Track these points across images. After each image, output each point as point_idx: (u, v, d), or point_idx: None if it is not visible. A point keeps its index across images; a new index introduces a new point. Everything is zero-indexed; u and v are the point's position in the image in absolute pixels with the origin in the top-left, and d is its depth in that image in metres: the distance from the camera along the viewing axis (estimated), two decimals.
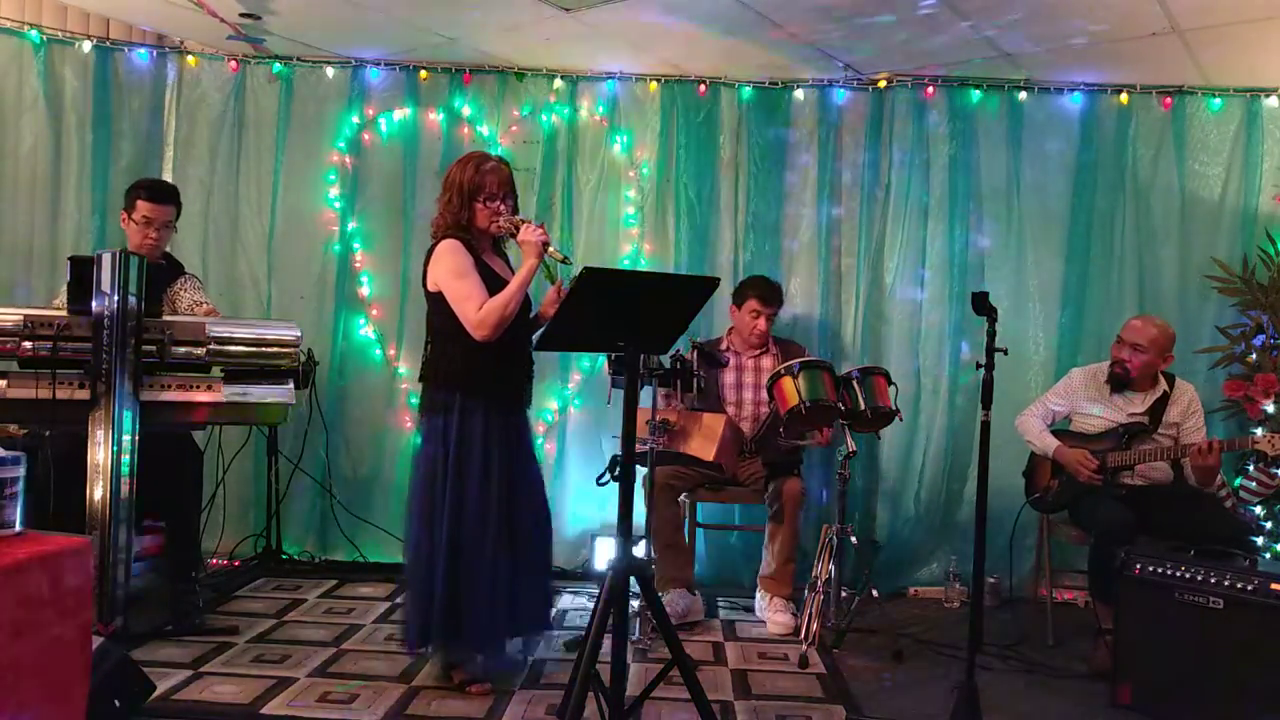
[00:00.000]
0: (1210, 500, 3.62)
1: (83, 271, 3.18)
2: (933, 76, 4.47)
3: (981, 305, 2.75)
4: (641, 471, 3.80)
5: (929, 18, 3.78)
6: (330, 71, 4.65)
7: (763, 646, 3.63)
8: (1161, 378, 3.75)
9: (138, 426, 3.20)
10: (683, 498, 3.92)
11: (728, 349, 4.20)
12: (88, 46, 4.51)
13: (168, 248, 3.86)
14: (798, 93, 4.60)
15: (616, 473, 2.48)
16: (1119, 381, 3.73)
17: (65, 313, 3.22)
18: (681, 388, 3.50)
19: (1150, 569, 3.08)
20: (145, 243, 3.62)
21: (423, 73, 4.65)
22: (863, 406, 3.65)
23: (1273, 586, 2.82)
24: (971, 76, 4.45)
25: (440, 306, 3.01)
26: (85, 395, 3.16)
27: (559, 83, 4.64)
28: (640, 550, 3.61)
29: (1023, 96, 4.47)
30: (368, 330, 4.70)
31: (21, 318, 3.16)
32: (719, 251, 4.61)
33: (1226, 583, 2.91)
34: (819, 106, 4.58)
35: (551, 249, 2.97)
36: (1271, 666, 2.78)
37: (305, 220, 4.66)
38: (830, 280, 4.58)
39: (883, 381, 3.74)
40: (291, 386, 3.52)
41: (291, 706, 2.88)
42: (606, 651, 2.34)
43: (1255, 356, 4.19)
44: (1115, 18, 3.69)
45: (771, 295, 4.11)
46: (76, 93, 4.51)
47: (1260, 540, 3.96)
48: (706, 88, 4.59)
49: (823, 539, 3.72)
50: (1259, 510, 4.06)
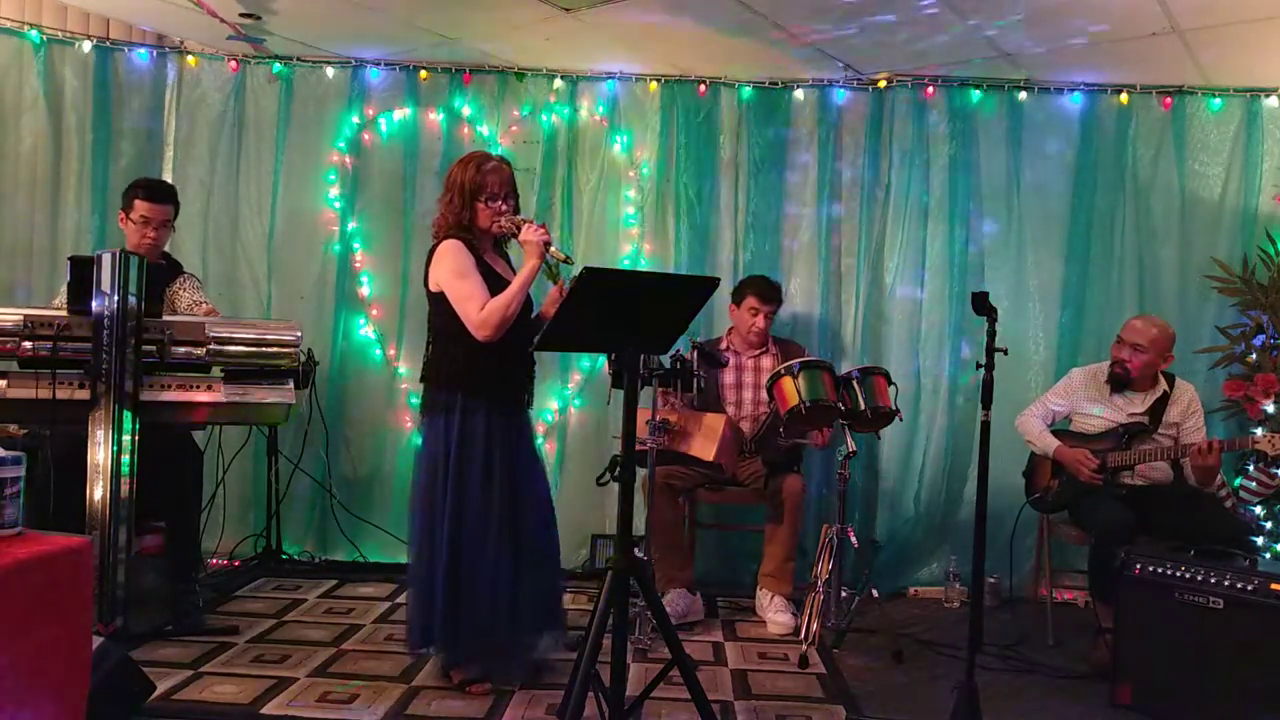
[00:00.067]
0: (1210, 500, 3.62)
1: (83, 271, 3.18)
2: (933, 76, 4.47)
3: (981, 305, 2.75)
4: (641, 471, 3.80)
5: (929, 18, 3.78)
6: (330, 71, 4.65)
7: (763, 646, 3.63)
8: (1161, 378, 3.75)
9: (138, 426, 3.20)
10: (682, 498, 3.92)
11: (728, 349, 4.20)
12: (88, 46, 4.51)
13: (167, 247, 3.86)
14: (798, 93, 4.60)
15: (616, 473, 2.47)
16: (1119, 381, 3.73)
17: (65, 313, 3.22)
18: (681, 388, 3.51)
19: (1150, 569, 3.09)
20: (144, 242, 3.62)
21: (423, 73, 4.65)
22: (863, 406, 3.66)
23: (1273, 586, 2.82)
24: (971, 76, 4.45)
25: (442, 307, 3.01)
26: (85, 395, 3.16)
27: (559, 83, 4.64)
28: (640, 550, 3.61)
29: (1023, 96, 4.47)
30: (368, 330, 4.70)
31: (21, 318, 3.16)
32: (719, 251, 4.61)
33: (1226, 583, 2.91)
34: (819, 106, 4.58)
35: (553, 249, 2.97)
36: (1271, 666, 2.78)
37: (305, 220, 4.66)
38: (830, 280, 4.58)
39: (883, 381, 3.74)
40: (291, 386, 3.52)
41: (291, 706, 2.88)
42: (606, 651, 2.34)
43: (1255, 356, 4.19)
44: (1115, 18, 3.69)
45: (770, 293, 4.11)
46: (76, 93, 4.51)
47: (1260, 540, 3.96)
48: (706, 88, 4.59)
49: (823, 539, 3.72)
50: (1259, 510, 4.06)
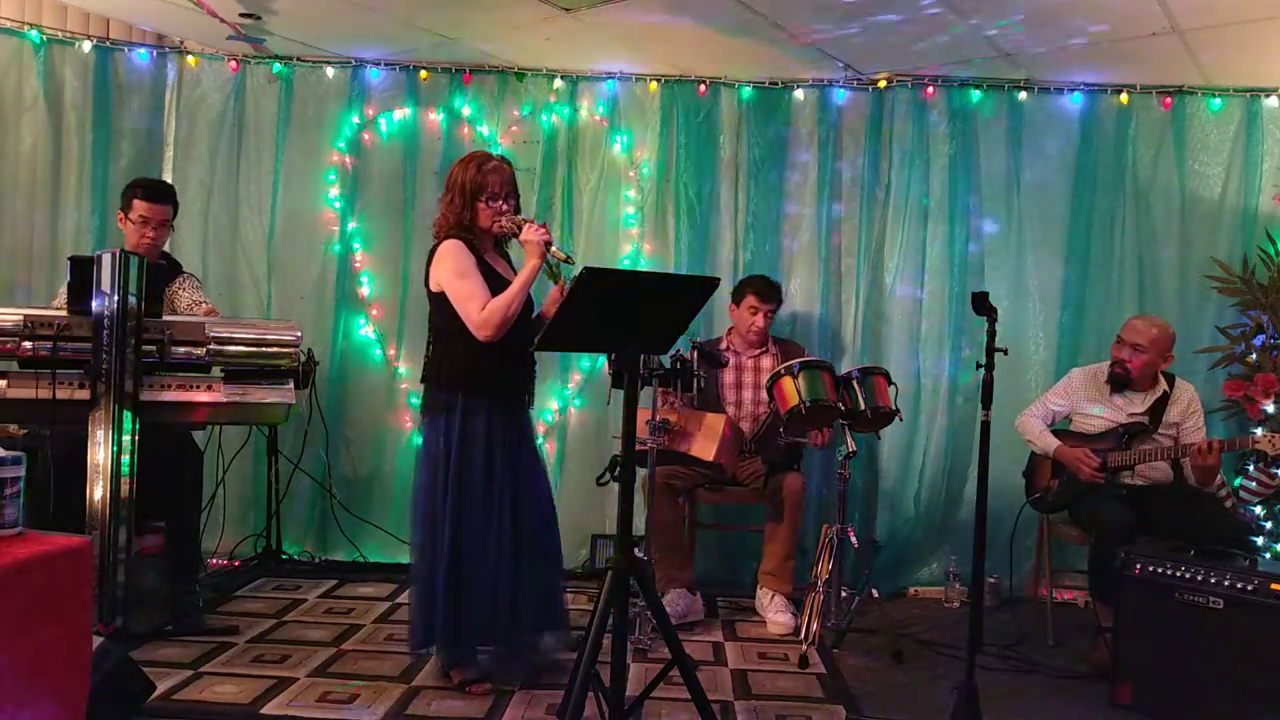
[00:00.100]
0: (1210, 500, 3.62)
1: (83, 271, 3.18)
2: (933, 76, 4.47)
3: (981, 305, 2.75)
4: (641, 471, 3.80)
5: (929, 18, 3.78)
6: (330, 71, 4.65)
7: (763, 646, 3.63)
8: (1161, 378, 3.75)
9: (138, 426, 3.20)
10: (682, 498, 3.91)
11: (727, 349, 4.20)
12: (88, 46, 4.51)
13: (166, 247, 3.86)
14: (798, 93, 4.60)
15: (616, 473, 2.48)
16: (1119, 382, 3.73)
17: (65, 313, 3.22)
18: (681, 388, 3.50)
19: (1150, 569, 3.09)
20: (143, 242, 3.62)
21: (423, 73, 4.65)
22: (863, 406, 3.66)
23: (1273, 586, 2.82)
24: (971, 76, 4.45)
25: (443, 307, 3.00)
26: (85, 395, 3.16)
27: (559, 83, 4.64)
28: (640, 550, 3.61)
29: (1023, 96, 4.46)
30: (368, 330, 4.69)
31: (21, 318, 3.16)
32: (719, 251, 4.61)
33: (1226, 583, 2.91)
34: (819, 106, 4.57)
35: (554, 248, 2.97)
36: (1271, 666, 2.78)
37: (305, 220, 4.66)
38: (830, 280, 4.58)
39: (883, 381, 3.74)
40: (291, 386, 3.52)
41: (291, 706, 2.88)
42: (606, 651, 2.34)
43: (1255, 356, 4.19)
44: (1115, 18, 3.69)
45: (769, 292, 4.12)
46: (76, 93, 4.51)
47: (1260, 540, 3.96)
48: (706, 88, 4.59)
49: (823, 539, 3.72)
50: (1259, 510, 4.06)
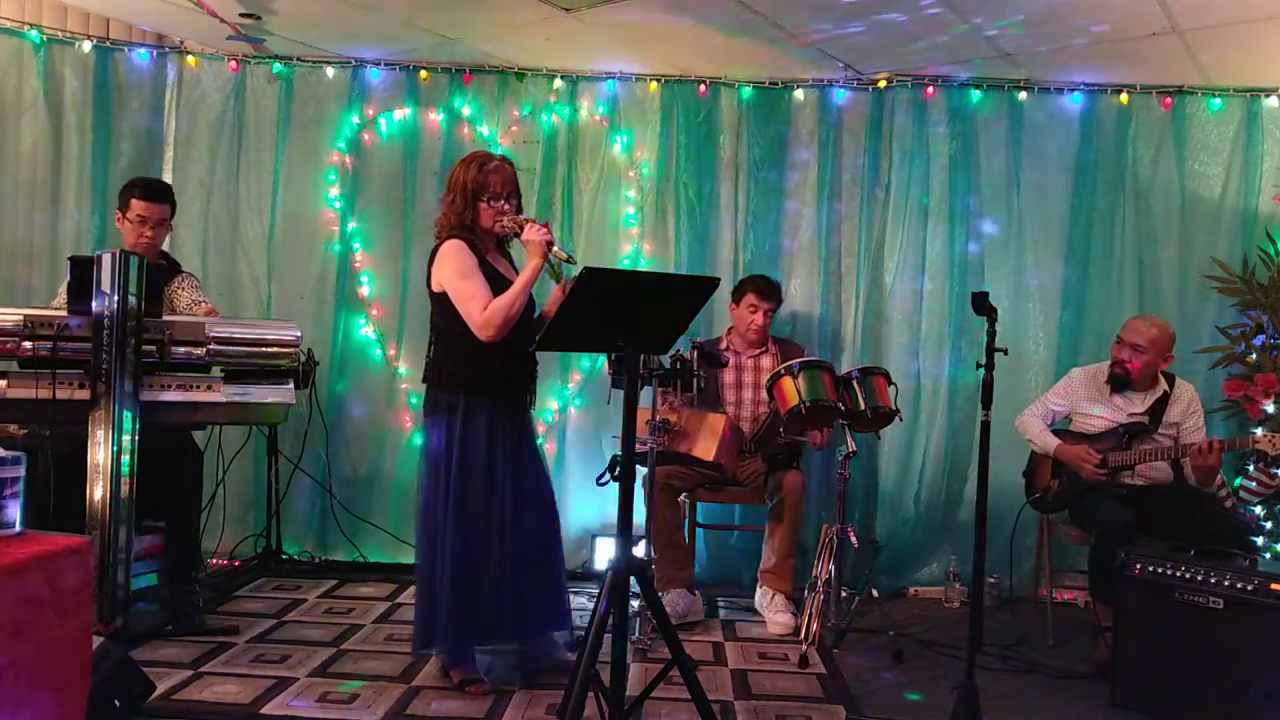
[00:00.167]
0: (1210, 500, 3.62)
1: (83, 271, 3.18)
2: (933, 76, 4.47)
3: (981, 305, 2.75)
4: (641, 471, 3.80)
5: (929, 18, 3.78)
6: (330, 71, 4.65)
7: (763, 646, 3.63)
8: (1161, 378, 3.75)
9: (138, 426, 3.20)
10: (682, 498, 3.91)
11: (727, 349, 4.20)
12: (88, 46, 4.51)
13: (168, 247, 3.86)
14: (798, 93, 4.60)
15: (616, 473, 2.47)
16: (1119, 382, 3.73)
17: (65, 313, 3.22)
18: (681, 388, 3.50)
19: (1150, 569, 3.09)
20: (141, 242, 3.62)
21: (423, 73, 4.65)
22: (863, 406, 3.66)
23: (1273, 586, 2.82)
24: (971, 76, 4.45)
25: (444, 307, 3.00)
26: (85, 395, 3.16)
27: (559, 83, 4.64)
28: (640, 550, 3.61)
29: (1023, 96, 4.46)
30: (368, 330, 4.69)
31: (21, 318, 3.16)
32: (719, 251, 4.61)
33: (1226, 583, 2.91)
34: (819, 106, 4.57)
35: (555, 248, 2.97)
36: (1271, 666, 2.78)
37: (305, 220, 4.66)
38: (830, 280, 4.58)
39: (883, 381, 3.74)
40: (291, 386, 3.51)
41: (291, 706, 2.88)
42: (606, 651, 2.34)
43: (1255, 356, 4.19)
44: (1115, 18, 3.69)
45: (769, 290, 4.12)
46: (76, 93, 4.51)
47: (1260, 540, 3.96)
48: (706, 88, 4.59)
49: (823, 539, 3.72)
50: (1259, 510, 4.06)
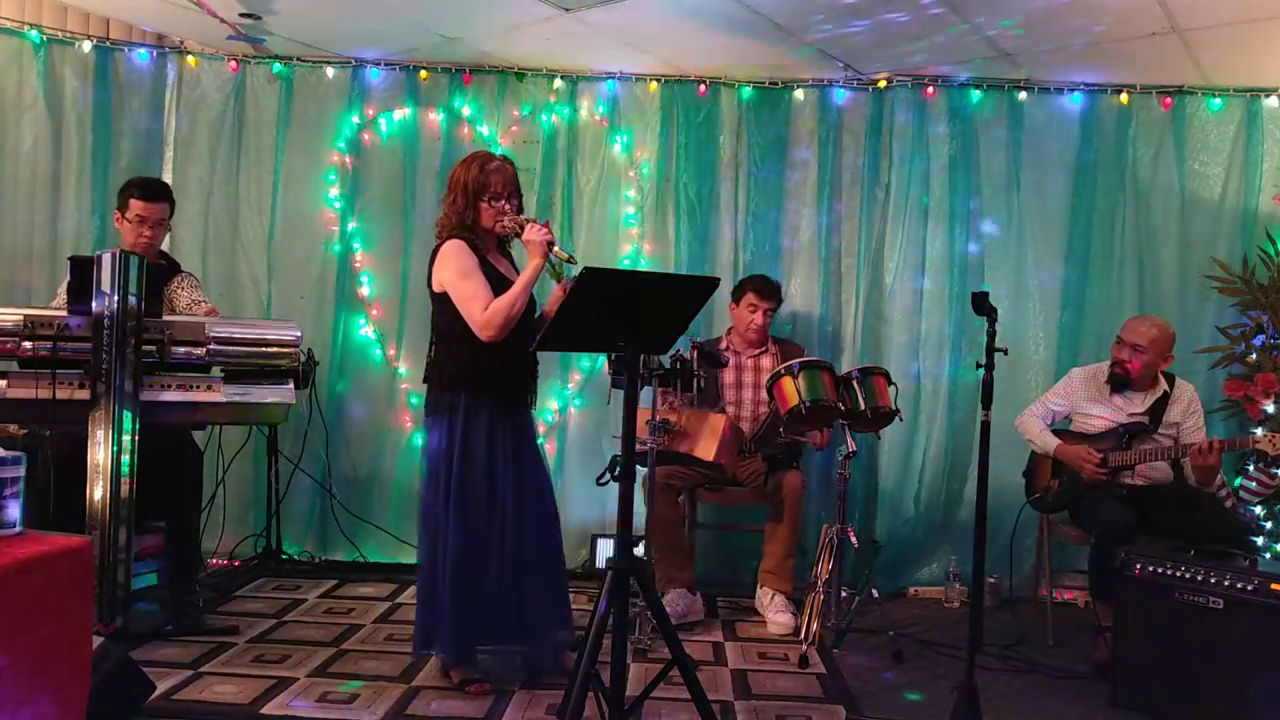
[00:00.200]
0: (1210, 500, 3.62)
1: (83, 271, 3.18)
2: (933, 76, 4.47)
3: (981, 305, 2.75)
4: (641, 471, 3.80)
5: (930, 18, 3.78)
6: (330, 71, 4.65)
7: (763, 646, 3.63)
8: (1161, 378, 3.75)
9: (138, 426, 3.20)
10: (682, 498, 3.92)
11: (727, 349, 4.20)
12: (88, 46, 4.51)
13: (167, 246, 3.85)
14: (798, 93, 4.60)
15: (616, 473, 2.47)
16: (1119, 382, 3.73)
17: (65, 313, 3.22)
18: (681, 388, 3.50)
19: (1150, 569, 3.09)
20: (140, 241, 3.62)
21: (423, 73, 4.65)
22: (863, 406, 3.65)
23: (1273, 586, 2.82)
24: (971, 76, 4.45)
25: (445, 307, 3.00)
26: (85, 395, 3.16)
27: (559, 83, 4.64)
28: (640, 550, 3.61)
29: (1023, 96, 4.46)
30: (368, 330, 4.69)
31: (21, 318, 3.16)
32: (719, 251, 4.61)
33: (1226, 583, 2.91)
34: (819, 106, 4.57)
35: (556, 248, 2.96)
36: (1271, 666, 2.78)
37: (305, 220, 4.66)
38: (830, 280, 4.58)
39: (883, 381, 3.74)
40: (291, 386, 3.52)
41: (291, 706, 2.88)
42: (606, 651, 2.34)
43: (1255, 356, 4.19)
44: (1115, 18, 3.69)
45: (768, 290, 4.12)
46: (76, 93, 4.51)
47: (1260, 540, 3.96)
48: (706, 88, 4.59)
49: (823, 539, 3.72)
50: (1259, 510, 4.05)
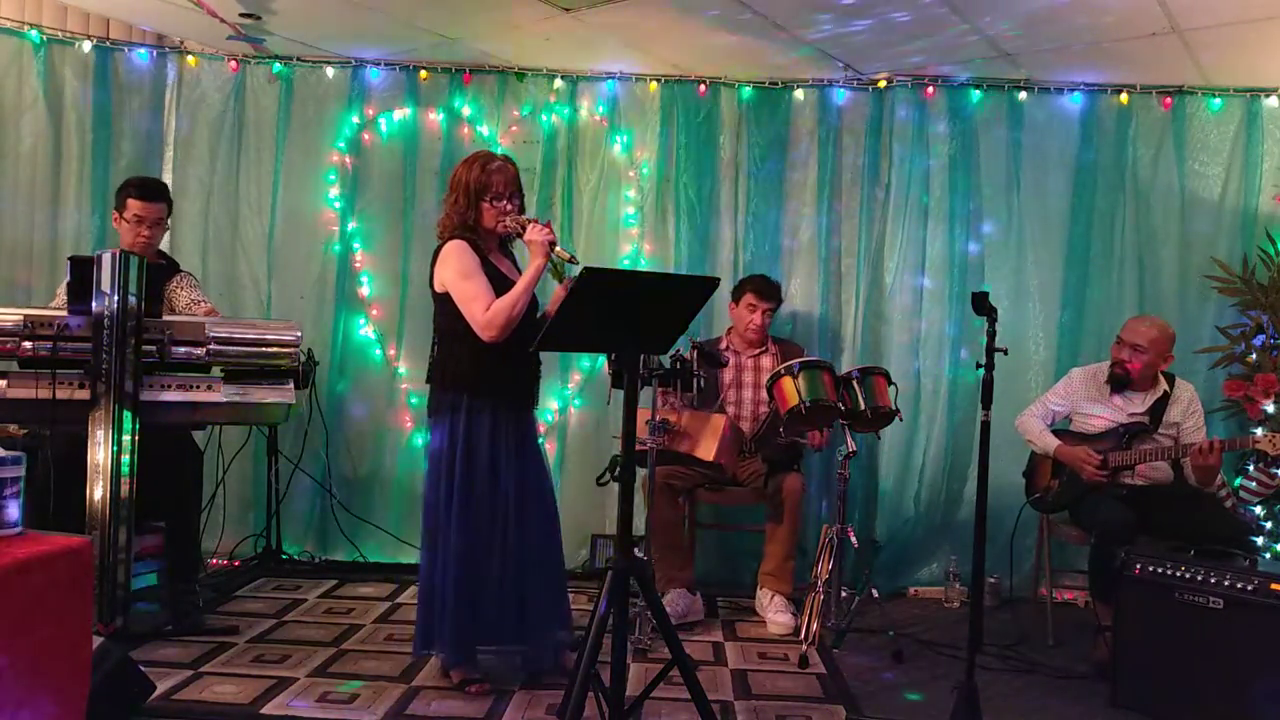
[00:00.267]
0: (1210, 500, 3.62)
1: (83, 271, 3.18)
2: (933, 76, 4.47)
3: (981, 305, 2.75)
4: (641, 471, 3.80)
5: (930, 17, 3.78)
6: (330, 71, 4.65)
7: (763, 646, 3.63)
8: (1162, 378, 3.75)
9: (138, 426, 3.20)
10: (682, 498, 3.91)
11: (727, 349, 4.20)
12: (88, 46, 4.51)
13: (167, 246, 3.85)
14: (798, 93, 4.60)
15: (616, 473, 2.48)
16: (1119, 382, 3.73)
17: (65, 313, 3.22)
18: (681, 388, 3.50)
19: (1150, 569, 3.09)
20: (138, 241, 3.62)
21: (423, 73, 4.64)
22: (863, 406, 3.65)
23: (1273, 586, 2.82)
24: (971, 76, 4.45)
25: (447, 307, 3.00)
26: (85, 395, 3.16)
27: (559, 83, 4.64)
28: (640, 550, 3.61)
29: (1023, 96, 4.46)
30: (368, 330, 4.69)
31: (21, 318, 3.16)
32: (719, 251, 4.61)
33: (1226, 583, 2.91)
34: (819, 106, 4.57)
35: (558, 248, 2.96)
36: (1271, 666, 2.78)
37: (305, 220, 4.66)
38: (830, 280, 4.58)
39: (883, 381, 3.74)
40: (291, 386, 3.51)
41: (291, 706, 2.88)
42: (606, 651, 2.34)
43: (1255, 356, 4.19)
44: (1115, 18, 3.69)
45: (768, 290, 4.12)
46: (76, 93, 4.51)
47: (1260, 540, 3.96)
48: (706, 88, 4.59)
49: (823, 539, 3.72)
50: (1259, 510, 4.05)
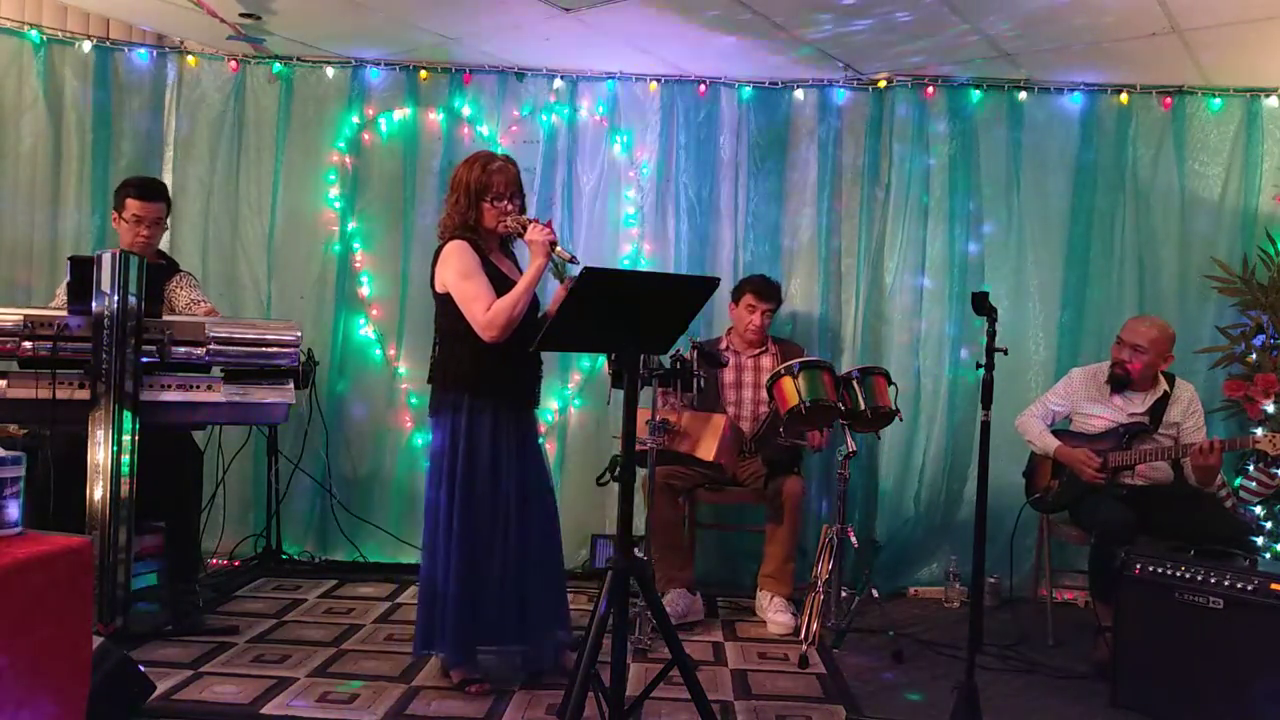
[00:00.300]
0: (1210, 500, 3.63)
1: (83, 271, 3.18)
2: (933, 76, 4.47)
3: (981, 305, 2.75)
4: (641, 471, 3.80)
5: (929, 17, 3.78)
6: (330, 71, 4.65)
7: (763, 646, 3.63)
8: (1162, 378, 3.75)
9: (138, 426, 3.20)
10: (682, 498, 3.91)
11: (727, 349, 4.20)
12: (88, 46, 4.51)
13: (167, 246, 3.85)
14: (798, 93, 4.60)
15: (616, 473, 2.48)
16: (1119, 382, 3.73)
17: (65, 313, 3.22)
18: (681, 388, 3.50)
19: (1150, 569, 3.09)
20: (137, 241, 3.62)
21: (423, 73, 4.64)
22: (863, 406, 3.65)
23: (1273, 586, 2.82)
24: (971, 76, 4.45)
25: (448, 308, 3.00)
26: (85, 395, 3.16)
27: (559, 83, 4.64)
28: (640, 550, 3.61)
29: (1023, 96, 4.46)
30: (368, 330, 4.69)
31: (21, 318, 3.16)
32: (719, 251, 4.61)
33: (1226, 583, 2.91)
34: (819, 106, 4.57)
35: (559, 248, 2.96)
36: (1271, 666, 2.78)
37: (305, 220, 4.66)
38: (830, 280, 4.58)
39: (883, 381, 3.74)
40: (291, 386, 3.51)
41: (291, 706, 2.88)
42: (606, 651, 2.34)
43: (1255, 356, 4.19)
44: (1115, 18, 3.69)
45: (767, 290, 4.12)
46: (76, 93, 4.51)
47: (1260, 540, 3.96)
48: (706, 88, 4.59)
49: (823, 539, 3.72)
50: (1259, 510, 4.05)
